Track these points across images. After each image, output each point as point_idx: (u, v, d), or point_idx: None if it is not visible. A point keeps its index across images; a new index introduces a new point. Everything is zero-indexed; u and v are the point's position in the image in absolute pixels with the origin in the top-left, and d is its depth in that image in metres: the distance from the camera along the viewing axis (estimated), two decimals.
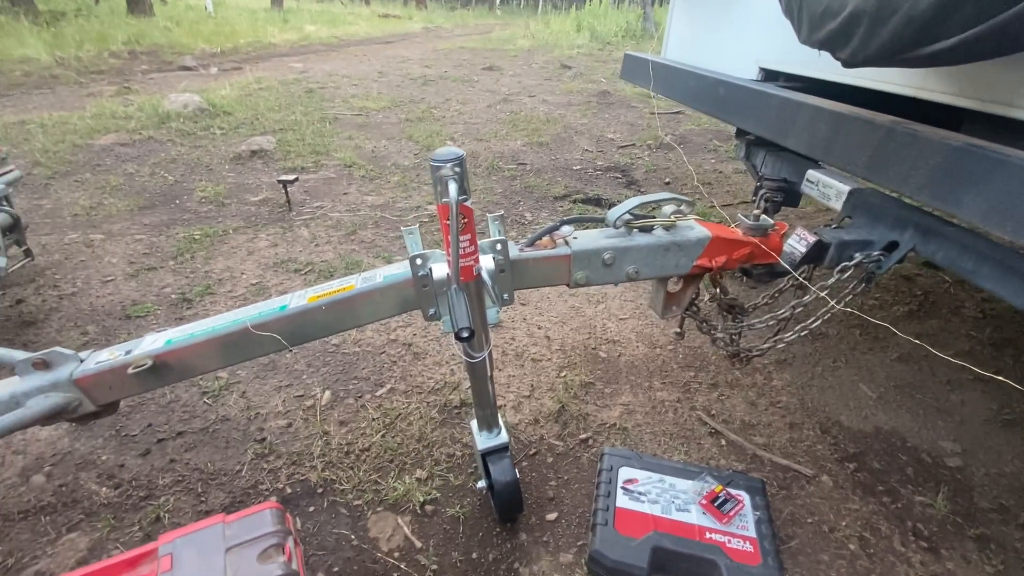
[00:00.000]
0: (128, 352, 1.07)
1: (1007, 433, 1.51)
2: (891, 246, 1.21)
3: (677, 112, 4.99)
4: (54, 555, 1.16)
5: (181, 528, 0.91)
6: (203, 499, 1.27)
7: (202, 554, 0.86)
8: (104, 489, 1.30)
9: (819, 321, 1.23)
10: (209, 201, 2.93)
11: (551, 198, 3.07)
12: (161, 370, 1.06)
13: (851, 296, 1.21)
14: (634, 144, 4.07)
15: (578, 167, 3.58)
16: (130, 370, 1.03)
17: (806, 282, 1.19)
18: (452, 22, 13.24)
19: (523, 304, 2.09)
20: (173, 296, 2.07)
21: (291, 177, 2.78)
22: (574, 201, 3.02)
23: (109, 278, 2.19)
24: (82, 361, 1.06)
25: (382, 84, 5.99)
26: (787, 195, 1.59)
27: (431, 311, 1.08)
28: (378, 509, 1.26)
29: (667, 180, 3.39)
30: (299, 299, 1.06)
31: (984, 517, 1.29)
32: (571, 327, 1.96)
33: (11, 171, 2.03)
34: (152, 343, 1.07)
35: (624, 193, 3.15)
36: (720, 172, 3.54)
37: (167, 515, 1.23)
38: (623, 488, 1.24)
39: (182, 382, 1.59)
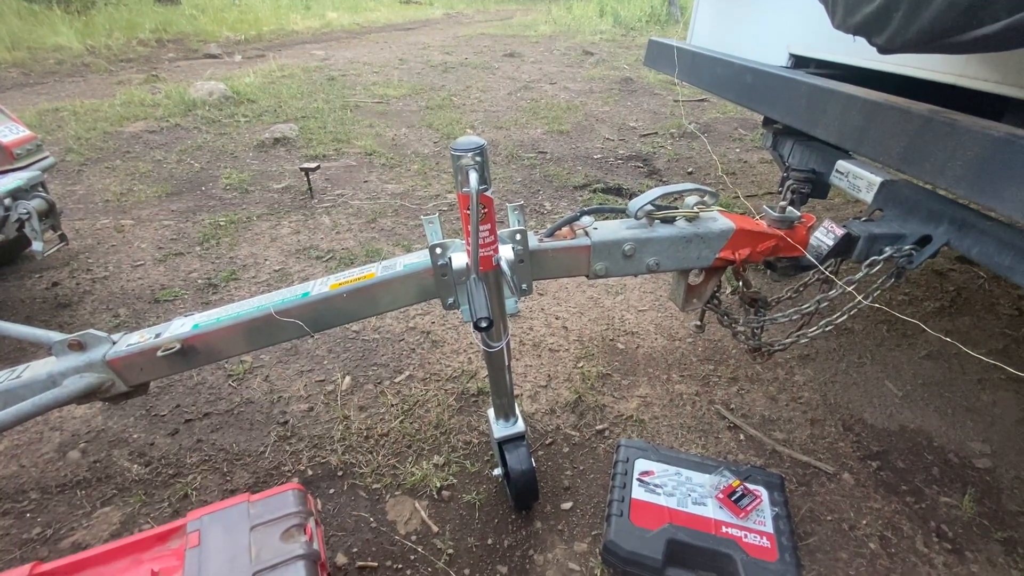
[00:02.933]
0: (158, 335, 1.10)
1: None
2: (924, 240, 1.17)
3: (701, 100, 4.87)
4: (89, 527, 1.21)
5: (208, 506, 0.94)
6: (228, 478, 1.31)
7: (228, 531, 0.89)
8: (135, 466, 1.35)
9: (845, 316, 1.20)
10: (234, 188, 2.98)
11: (571, 187, 3.04)
12: (188, 353, 1.09)
13: (879, 291, 1.18)
14: (656, 133, 3.99)
15: (599, 156, 3.53)
16: (159, 353, 1.07)
17: (833, 276, 1.16)
18: (473, 8, 13.09)
19: (541, 294, 2.09)
20: (199, 281, 2.12)
21: (313, 165, 2.81)
22: (594, 191, 2.99)
23: (139, 263, 2.25)
24: (114, 343, 1.10)
25: (403, 71, 5.98)
26: (815, 186, 1.55)
27: (450, 300, 1.08)
28: (396, 493, 1.29)
29: (690, 170, 3.32)
30: (321, 286, 1.08)
31: (1013, 520, 1.25)
32: (589, 318, 1.95)
33: (46, 158, 2.09)
34: (180, 327, 1.11)
35: (645, 183, 3.10)
36: (745, 162, 3.46)
37: (194, 492, 1.28)
38: (639, 480, 1.24)
39: (208, 365, 1.63)
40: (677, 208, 1.15)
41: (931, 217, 1.16)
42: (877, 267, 1.15)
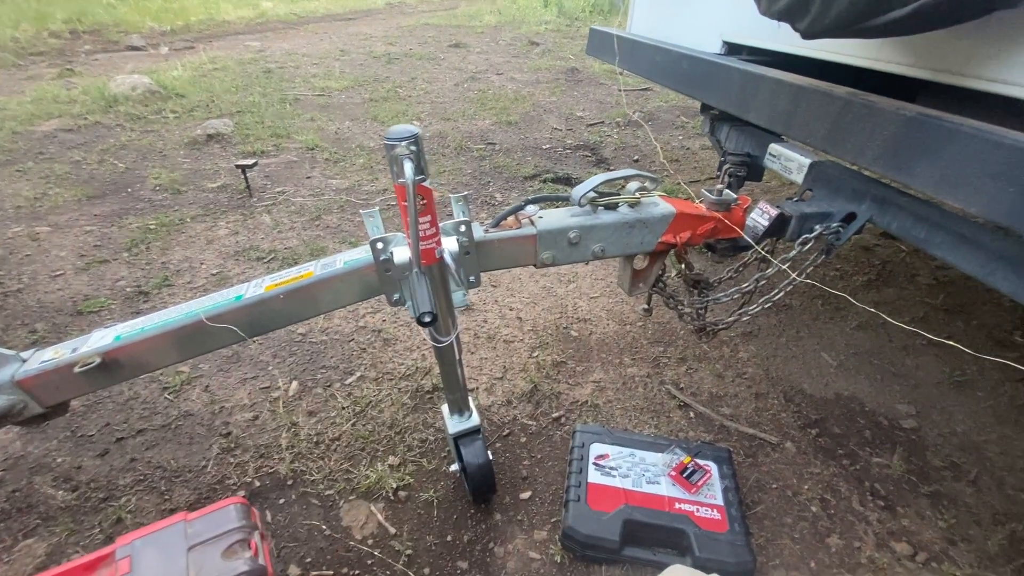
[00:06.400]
0: (74, 350, 1.01)
1: (958, 394, 1.58)
2: (849, 217, 1.23)
3: (645, 89, 4.97)
4: (11, 562, 1.11)
5: (140, 529, 0.88)
6: (167, 497, 1.24)
7: (163, 554, 0.83)
8: (61, 492, 1.25)
9: (782, 293, 1.25)
10: (164, 189, 2.80)
11: (521, 178, 3.04)
12: (111, 367, 1.01)
13: (812, 268, 1.23)
14: (603, 122, 4.04)
15: (547, 146, 3.54)
16: (77, 369, 0.98)
17: (768, 255, 1.21)
18: None
19: (495, 286, 2.08)
20: (128, 289, 1.98)
21: (250, 162, 2.67)
22: (544, 181, 3.00)
23: (58, 272, 2.08)
24: (25, 361, 1.00)
25: (344, 63, 5.77)
26: (750, 169, 1.60)
27: (395, 296, 1.05)
28: (350, 498, 1.25)
29: (636, 157, 3.39)
30: (255, 288, 1.02)
31: (937, 475, 1.35)
32: (543, 307, 1.96)
33: None
34: (100, 340, 1.02)
35: (594, 172, 3.14)
36: (688, 148, 3.56)
37: (129, 515, 1.20)
38: (595, 464, 1.25)
39: (141, 378, 1.53)
40: (619, 194, 1.16)
41: (855, 195, 1.23)
42: (809, 244, 1.21)
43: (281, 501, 1.24)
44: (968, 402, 1.56)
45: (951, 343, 0.96)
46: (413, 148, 0.81)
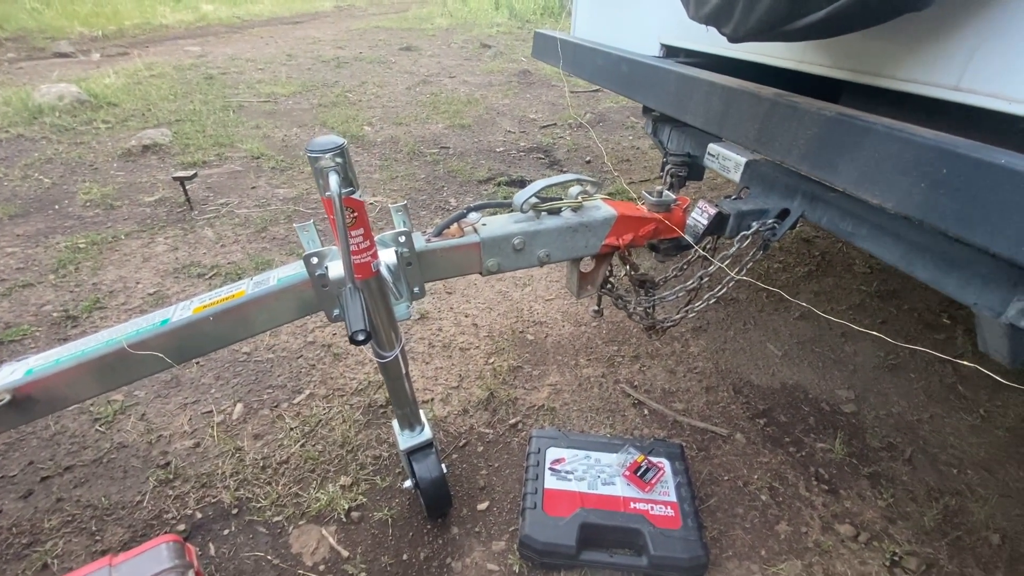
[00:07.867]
0: None
1: (893, 377, 1.67)
2: (783, 213, 1.27)
3: (596, 90, 5.03)
4: None
5: None
6: (98, 538, 1.15)
7: None
8: None
9: (724, 289, 1.28)
10: (95, 204, 2.64)
11: (475, 182, 3.02)
12: (23, 404, 0.93)
13: (751, 264, 1.27)
14: (556, 124, 4.07)
15: (501, 149, 3.54)
16: None
17: (707, 254, 1.23)
18: (366, 0, 12.58)
19: (449, 293, 2.05)
20: (55, 314, 1.85)
21: (188, 173, 2.55)
22: (498, 184, 2.99)
23: None
24: None
25: (291, 68, 5.61)
26: (691, 169, 1.64)
27: (335, 312, 1.02)
28: (300, 523, 1.20)
29: (588, 159, 3.42)
30: (183, 311, 0.97)
31: (876, 456, 1.42)
32: (498, 312, 1.95)
33: None
34: (10, 375, 0.94)
35: (548, 174, 3.15)
36: (637, 149, 3.63)
37: (56, 561, 1.11)
38: (551, 469, 1.25)
39: (69, 410, 1.43)
40: (561, 199, 1.16)
41: (788, 192, 1.27)
42: (747, 241, 1.24)
43: (225, 532, 1.17)
44: (902, 384, 1.64)
45: (874, 333, 1.01)
46: (339, 160, 0.78)
